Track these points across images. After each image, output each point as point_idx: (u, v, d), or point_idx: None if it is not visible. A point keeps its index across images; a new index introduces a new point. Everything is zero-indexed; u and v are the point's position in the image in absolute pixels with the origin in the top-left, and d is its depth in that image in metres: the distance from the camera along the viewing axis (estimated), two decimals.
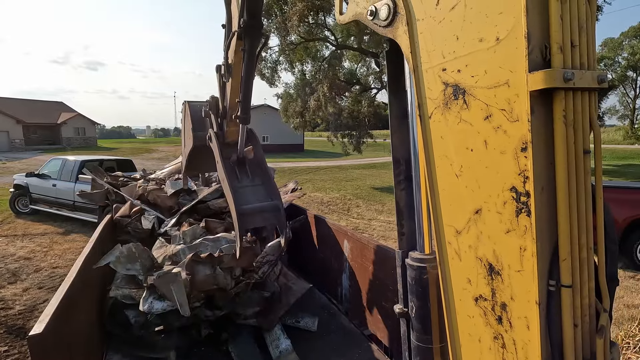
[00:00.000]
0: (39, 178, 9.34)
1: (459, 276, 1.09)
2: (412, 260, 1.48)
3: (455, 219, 1.08)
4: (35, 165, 19.44)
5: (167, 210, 4.37)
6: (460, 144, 1.03)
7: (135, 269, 2.79)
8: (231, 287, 2.83)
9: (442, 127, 1.07)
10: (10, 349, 3.78)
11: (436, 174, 1.12)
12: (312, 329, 3.16)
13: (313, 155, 32.09)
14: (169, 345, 2.75)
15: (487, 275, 1.00)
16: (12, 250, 6.86)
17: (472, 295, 1.06)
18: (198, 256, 2.73)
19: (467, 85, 0.98)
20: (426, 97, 1.11)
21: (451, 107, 1.03)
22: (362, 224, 8.99)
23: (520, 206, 0.89)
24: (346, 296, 3.47)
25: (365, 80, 18.05)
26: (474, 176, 1.00)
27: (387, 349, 2.82)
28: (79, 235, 8.00)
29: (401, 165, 1.62)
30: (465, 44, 0.97)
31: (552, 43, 0.85)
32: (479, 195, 0.99)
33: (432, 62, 1.07)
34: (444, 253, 1.13)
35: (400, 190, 1.63)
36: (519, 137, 0.87)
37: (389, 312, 2.77)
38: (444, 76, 1.04)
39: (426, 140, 1.14)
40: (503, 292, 0.96)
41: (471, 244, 1.04)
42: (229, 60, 2.29)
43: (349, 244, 3.36)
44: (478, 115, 0.97)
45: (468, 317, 1.08)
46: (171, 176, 5.07)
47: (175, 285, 2.51)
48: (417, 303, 1.45)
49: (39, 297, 4.96)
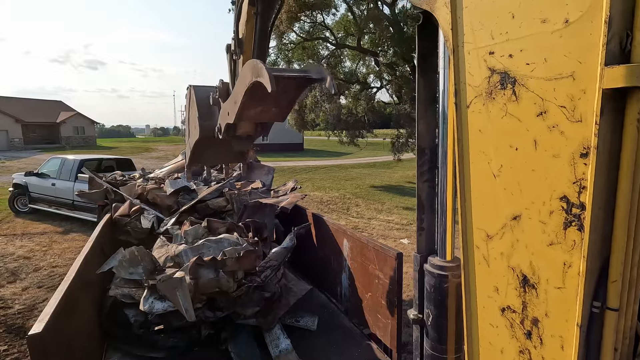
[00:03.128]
0: (38, 177, 9.32)
1: (485, 283, 1.01)
2: (431, 266, 1.36)
3: (487, 222, 0.98)
4: (34, 164, 19.41)
5: (166, 209, 4.36)
6: (503, 141, 0.90)
7: (138, 272, 2.79)
8: (233, 290, 2.83)
9: (482, 119, 0.95)
10: (9, 348, 3.78)
11: (470, 171, 1.00)
12: (311, 328, 3.16)
13: (312, 155, 32.07)
14: (169, 345, 2.75)
15: (520, 287, 0.91)
16: (11, 250, 6.85)
17: (498, 305, 0.98)
18: (201, 259, 2.72)
19: (519, 74, 0.85)
20: (466, 83, 0.98)
21: (496, 98, 0.91)
22: (361, 223, 8.99)
23: (570, 218, 0.79)
24: (346, 295, 3.47)
25: (365, 79, 18.04)
26: (516, 178, 0.89)
27: (387, 348, 2.83)
28: (78, 234, 7.99)
29: (425, 154, 1.48)
30: (522, 24, 0.82)
31: (635, 31, 0.68)
32: (519, 200, 0.89)
33: (477, 42, 0.93)
34: (469, 257, 1.05)
35: (422, 182, 1.49)
36: (579, 140, 0.75)
37: (388, 311, 2.77)
38: (491, 61, 0.90)
39: (461, 132, 1.01)
40: (536, 306, 0.88)
41: (504, 251, 0.94)
42: (239, 34, 2.11)
43: (348, 243, 3.36)
44: (529, 110, 0.84)
45: (491, 326, 1.01)
46: (170, 175, 5.06)
47: (181, 291, 2.50)
48: (435, 312, 1.36)
49: (38, 297, 4.95)
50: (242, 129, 2.24)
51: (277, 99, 1.82)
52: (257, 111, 1.91)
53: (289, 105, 1.91)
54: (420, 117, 1.47)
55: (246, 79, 1.67)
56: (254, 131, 2.26)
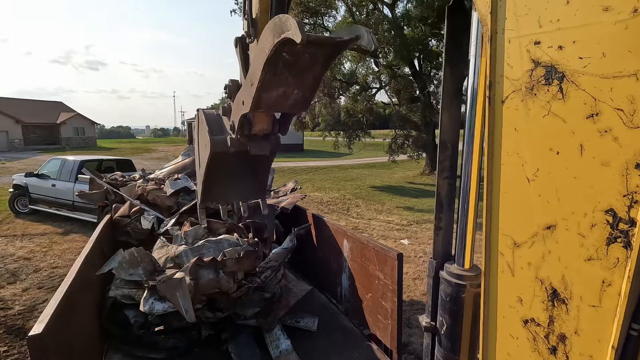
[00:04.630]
0: (38, 178, 9.32)
1: (507, 292, 0.95)
2: (448, 274, 1.27)
3: (515, 229, 0.91)
4: (34, 165, 19.42)
5: (166, 210, 4.37)
6: (542, 143, 0.82)
7: (138, 274, 2.79)
8: (233, 291, 2.83)
9: (519, 116, 0.86)
10: (9, 349, 3.78)
11: (499, 173, 0.92)
12: (312, 328, 3.17)
13: (313, 155, 32.08)
14: (169, 346, 2.75)
15: (547, 301, 0.85)
16: (11, 251, 6.85)
17: (520, 316, 0.92)
18: (201, 260, 2.72)
19: (568, 69, 0.75)
20: (503, 75, 0.88)
21: (538, 94, 0.81)
22: (361, 224, 8.99)
23: (615, 234, 0.72)
24: (346, 296, 3.47)
25: (364, 80, 18.06)
26: (554, 185, 0.81)
27: (387, 349, 2.83)
28: (78, 235, 7.99)
29: (448, 149, 1.37)
30: (579, 11, 0.73)
31: None
32: (556, 209, 0.81)
33: (520, 30, 0.83)
34: (492, 263, 0.98)
35: (443, 179, 1.39)
36: (636, 149, 0.68)
37: (388, 311, 2.77)
38: (536, 51, 0.80)
39: (492, 128, 0.92)
40: (565, 322, 0.82)
41: (532, 261, 0.88)
42: (253, 13, 1.90)
43: (348, 244, 3.36)
44: (578, 110, 0.75)
45: (510, 337, 0.96)
46: (170, 176, 5.07)
47: (181, 292, 2.50)
48: (449, 321, 1.29)
49: (38, 297, 4.95)
50: (258, 125, 1.96)
51: (302, 77, 1.59)
52: (278, 94, 1.65)
53: (314, 86, 1.68)
54: (445, 108, 1.33)
55: (266, 45, 1.43)
56: (271, 127, 1.98)
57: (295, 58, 1.49)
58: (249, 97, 1.68)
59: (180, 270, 2.80)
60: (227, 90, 2.04)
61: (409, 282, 5.43)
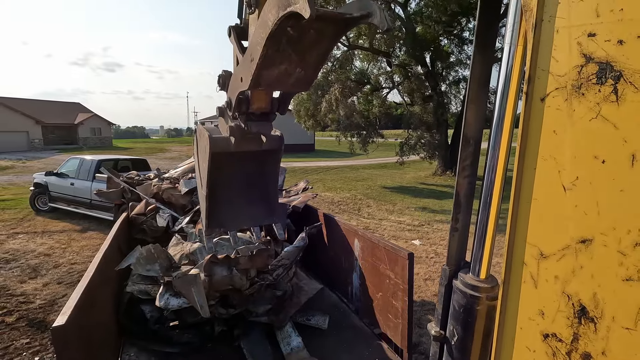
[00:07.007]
0: (58, 177, 9.61)
1: (527, 304, 0.90)
2: (463, 284, 1.19)
3: (544, 239, 0.84)
4: (53, 164, 19.98)
5: (180, 208, 4.46)
6: (585, 149, 0.74)
7: (155, 269, 2.87)
8: (246, 288, 2.88)
9: (561, 118, 0.77)
10: (31, 340, 3.92)
11: (532, 177, 0.84)
12: (322, 327, 3.19)
13: (324, 155, 32.10)
14: (183, 341, 2.82)
15: (573, 317, 0.79)
16: (32, 247, 7.09)
17: (540, 329, 0.87)
18: (215, 257, 2.79)
19: (627, 68, 0.66)
20: (546, 70, 0.78)
21: (586, 94, 0.72)
22: (372, 224, 8.97)
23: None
24: (357, 295, 3.49)
25: (376, 80, 17.99)
26: (595, 196, 0.73)
27: (397, 348, 2.83)
28: (95, 232, 8.21)
29: (471, 146, 1.25)
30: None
31: None
32: (594, 222, 0.74)
33: (572, 19, 0.73)
34: (513, 272, 0.92)
35: (463, 178, 1.28)
36: None
37: (399, 311, 2.78)
38: (589, 45, 0.71)
39: (527, 128, 0.84)
40: (592, 342, 0.77)
41: (559, 275, 0.81)
42: None
43: (359, 243, 3.38)
44: (634, 116, 0.67)
45: (527, 350, 0.90)
46: (185, 175, 5.17)
47: (196, 287, 2.56)
48: (461, 333, 1.22)
49: (58, 292, 5.12)
50: (256, 103, 1.82)
51: (306, 54, 1.46)
52: (279, 71, 1.51)
53: (318, 64, 1.54)
54: (471, 100, 1.18)
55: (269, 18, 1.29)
56: (269, 106, 1.86)
57: (301, 34, 1.37)
58: (248, 73, 1.54)
59: (195, 267, 2.86)
60: (220, 81, 1.92)
61: (420, 282, 5.41)
